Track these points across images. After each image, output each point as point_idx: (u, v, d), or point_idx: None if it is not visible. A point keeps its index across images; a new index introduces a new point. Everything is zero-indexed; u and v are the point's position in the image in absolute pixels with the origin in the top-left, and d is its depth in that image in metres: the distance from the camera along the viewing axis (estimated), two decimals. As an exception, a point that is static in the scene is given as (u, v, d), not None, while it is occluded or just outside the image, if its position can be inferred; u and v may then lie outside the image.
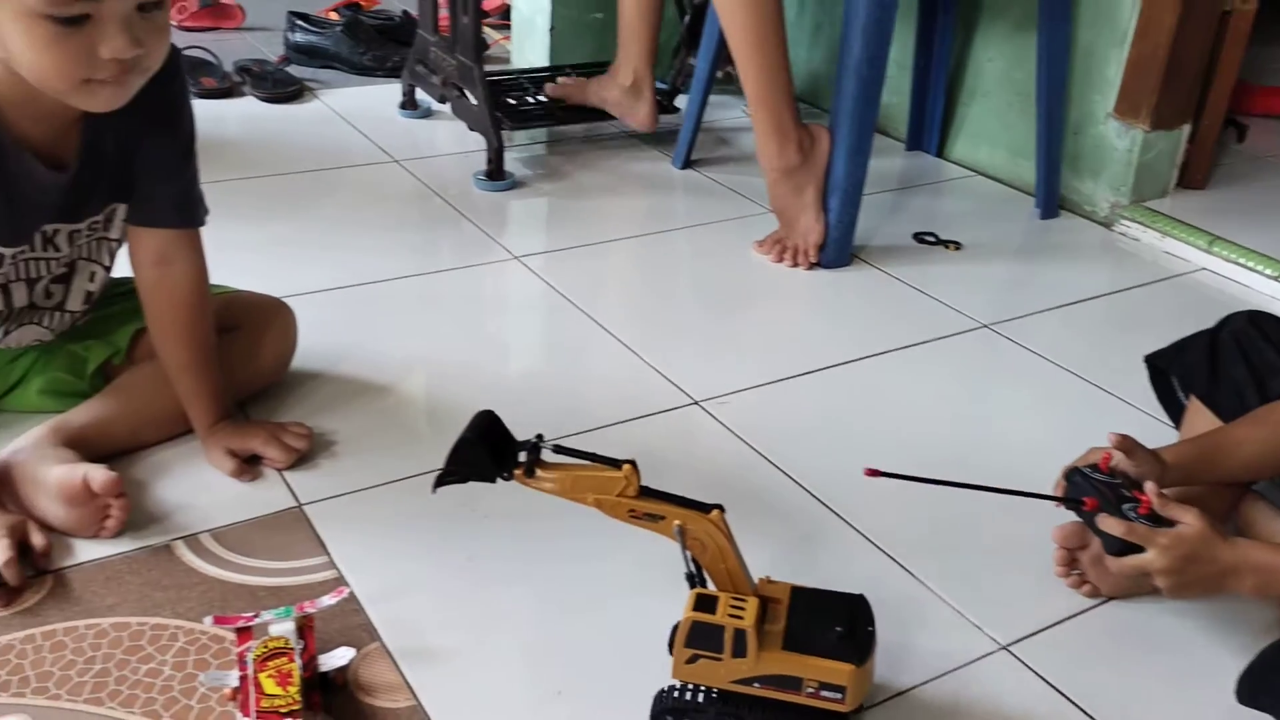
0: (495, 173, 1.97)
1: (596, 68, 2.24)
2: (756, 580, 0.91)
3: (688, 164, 2.12)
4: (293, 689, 0.88)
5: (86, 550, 1.08)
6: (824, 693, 0.87)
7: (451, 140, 2.19)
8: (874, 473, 0.94)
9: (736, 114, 2.40)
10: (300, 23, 2.53)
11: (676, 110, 2.25)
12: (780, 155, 1.69)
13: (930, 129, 2.25)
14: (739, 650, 0.87)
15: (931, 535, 1.19)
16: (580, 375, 1.46)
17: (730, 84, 2.43)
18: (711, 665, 0.88)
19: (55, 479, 1.06)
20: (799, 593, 0.92)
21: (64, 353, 1.23)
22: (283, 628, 0.95)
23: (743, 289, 1.71)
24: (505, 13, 2.79)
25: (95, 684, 0.93)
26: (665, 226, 1.90)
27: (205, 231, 1.23)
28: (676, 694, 0.90)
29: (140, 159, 1.13)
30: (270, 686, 0.88)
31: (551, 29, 2.44)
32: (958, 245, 1.86)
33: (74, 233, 1.14)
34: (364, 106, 2.31)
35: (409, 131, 2.23)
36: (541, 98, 2.20)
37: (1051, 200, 2.01)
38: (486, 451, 0.88)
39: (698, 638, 0.87)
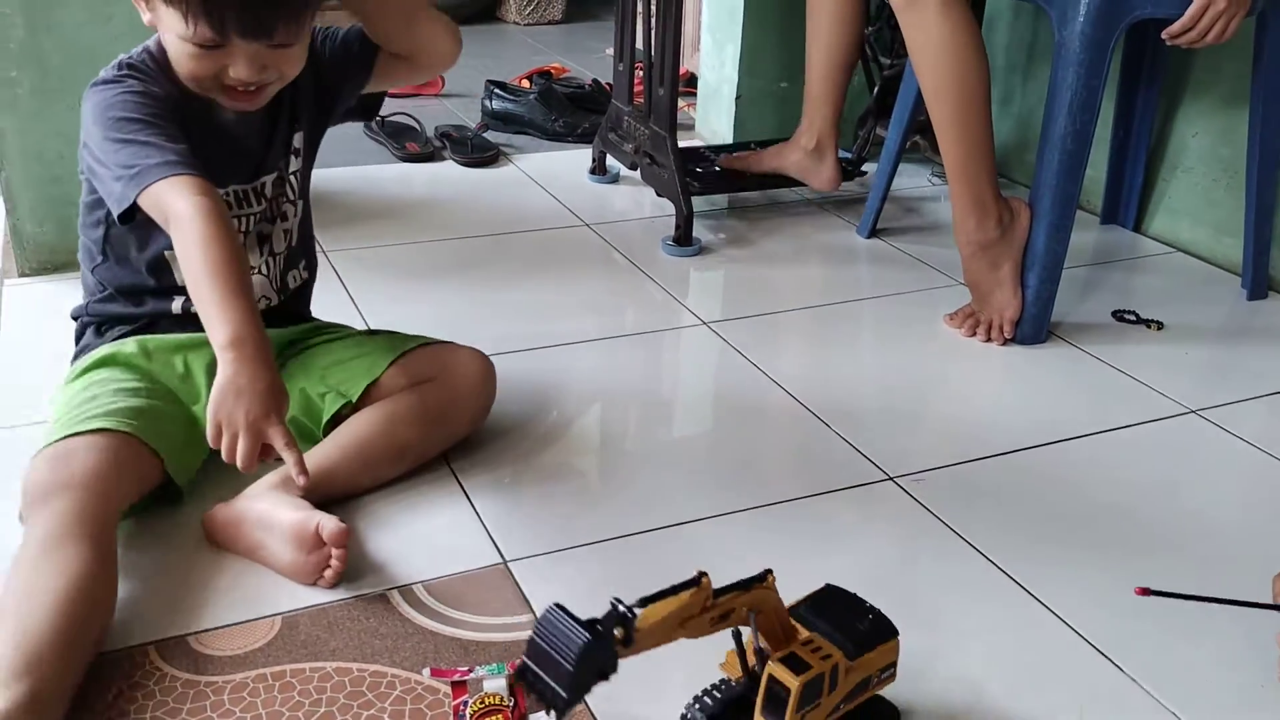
0: (683, 239, 2.01)
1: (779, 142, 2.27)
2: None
3: (874, 233, 2.12)
4: (513, 739, 0.90)
5: (308, 596, 1.14)
6: (882, 675, 0.95)
7: (639, 206, 2.25)
8: (1145, 592, 0.94)
9: (923, 183, 2.39)
10: (497, 90, 2.64)
11: (863, 174, 2.26)
12: (979, 229, 1.67)
13: (1128, 203, 2.19)
14: (833, 684, 0.89)
15: (1153, 632, 1.14)
16: (771, 445, 1.47)
17: (917, 153, 2.42)
18: (814, 716, 0.89)
19: (289, 523, 1.13)
20: (799, 614, 0.94)
21: (303, 395, 1.31)
22: (496, 684, 0.98)
23: (934, 363, 1.69)
24: (690, 80, 2.86)
25: (321, 726, 0.98)
26: (852, 296, 1.89)
27: (401, 290, 1.30)
28: None
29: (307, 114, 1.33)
30: (487, 742, 0.91)
31: (738, 98, 2.49)
32: (1160, 325, 1.80)
33: (261, 188, 1.30)
34: (556, 171, 2.40)
35: (598, 196, 2.30)
36: (717, 168, 2.24)
37: (1260, 281, 1.92)
38: (608, 642, 0.78)
39: (807, 697, 0.88)
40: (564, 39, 3.72)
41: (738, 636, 0.90)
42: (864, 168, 2.28)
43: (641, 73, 2.12)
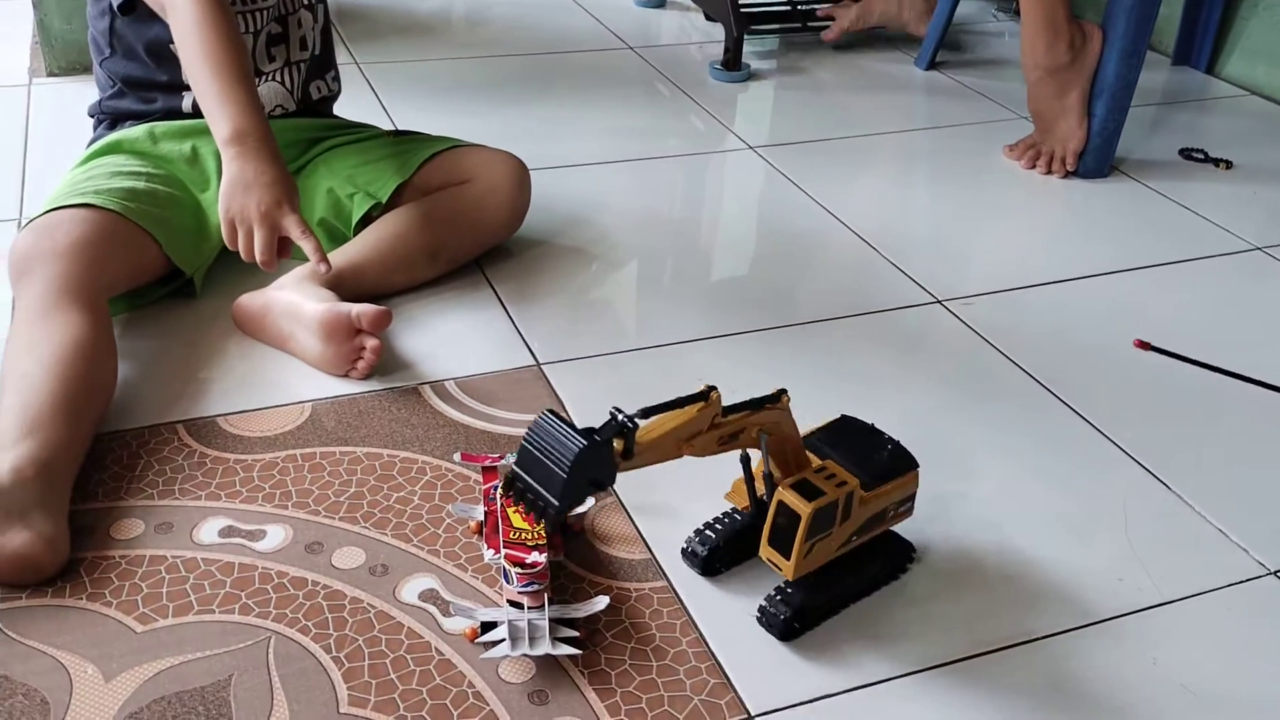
0: (732, 63, 1.93)
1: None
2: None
3: (932, 65, 2.02)
4: (539, 525, 0.89)
5: (338, 387, 1.12)
6: (901, 509, 0.90)
7: (687, 31, 2.16)
8: (1143, 345, 0.88)
9: (988, 17, 2.27)
10: (541, -90, 2.51)
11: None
12: (1049, 52, 1.57)
13: (1202, 43, 2.07)
14: (846, 514, 0.84)
15: (1196, 447, 1.10)
16: (818, 266, 1.42)
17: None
18: (824, 545, 0.84)
19: (318, 314, 1.10)
20: (812, 443, 0.89)
21: (330, 196, 1.27)
22: (527, 471, 0.96)
23: (991, 193, 1.62)
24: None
25: (350, 505, 0.96)
26: (907, 126, 1.81)
27: (438, 104, 1.25)
28: (790, 592, 0.86)
29: None
30: (517, 521, 0.89)
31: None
32: (1229, 164, 1.71)
33: None
34: (600, -6, 2.30)
35: (643, 20, 2.21)
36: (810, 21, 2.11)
37: (1340, 124, 1.82)
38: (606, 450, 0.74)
39: (818, 524, 0.82)
40: None
41: (746, 463, 0.86)
42: None
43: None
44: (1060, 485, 1.05)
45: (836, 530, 0.84)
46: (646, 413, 0.76)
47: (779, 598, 0.86)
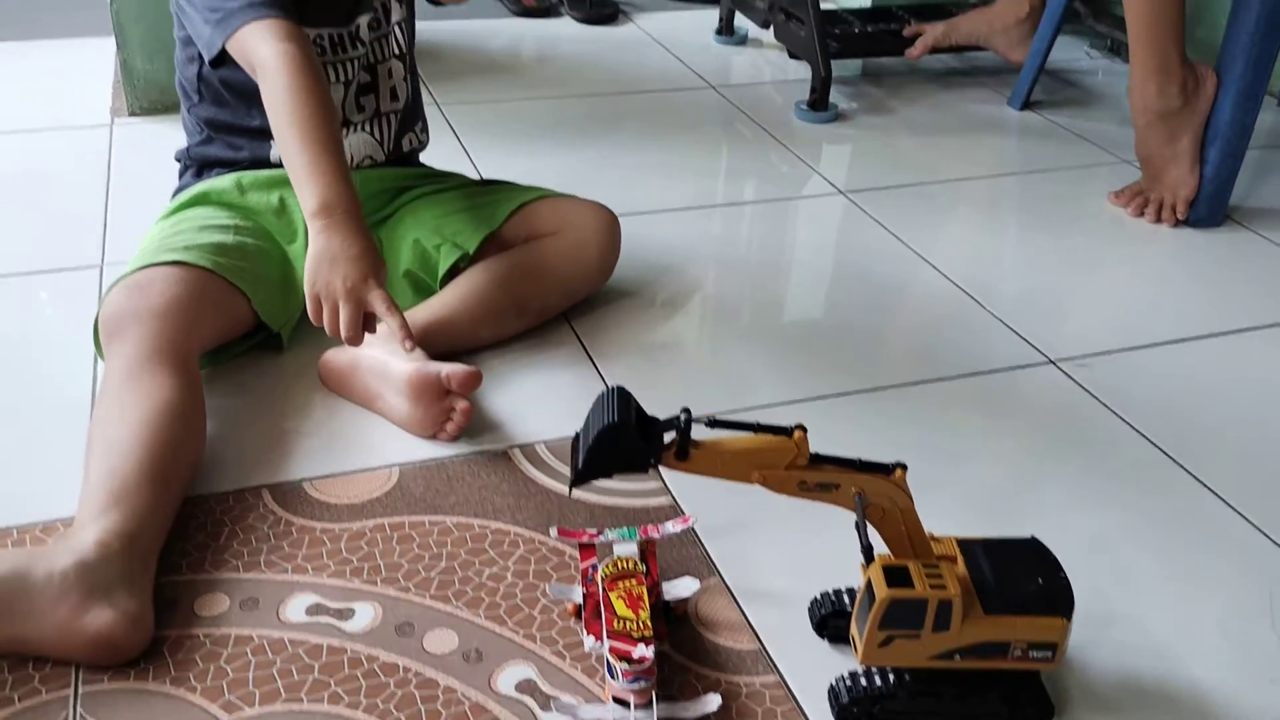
0: (819, 103, 1.87)
1: (932, 7, 2.10)
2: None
3: (1027, 105, 1.95)
4: (643, 613, 0.83)
5: (425, 450, 1.07)
6: (1032, 653, 0.78)
7: (769, 69, 2.11)
8: None
9: (1080, 55, 2.19)
10: (619, -56, 2.49)
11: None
12: (1160, 96, 1.50)
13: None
14: (942, 623, 0.76)
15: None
16: (912, 322, 1.36)
17: (1078, 22, 2.22)
18: (908, 644, 0.77)
19: (407, 374, 1.06)
20: (969, 546, 0.81)
21: (416, 247, 1.23)
22: (627, 549, 0.91)
23: (1095, 243, 1.54)
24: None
25: (440, 581, 0.91)
26: (1003, 170, 1.75)
27: (517, 144, 1.22)
28: (863, 682, 0.80)
29: None
30: (621, 608, 0.84)
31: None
32: (1350, 213, 1.62)
33: (357, 30, 1.21)
34: (679, 31, 2.26)
35: (724, 58, 2.16)
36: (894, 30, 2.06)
37: None
38: (638, 433, 0.74)
39: (896, 616, 0.75)
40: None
41: (861, 528, 0.78)
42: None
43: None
44: (1199, 576, 0.97)
45: (927, 636, 0.77)
46: (715, 422, 0.77)
47: (849, 679, 0.81)
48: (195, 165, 1.27)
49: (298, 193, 1.06)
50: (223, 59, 1.11)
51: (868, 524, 0.77)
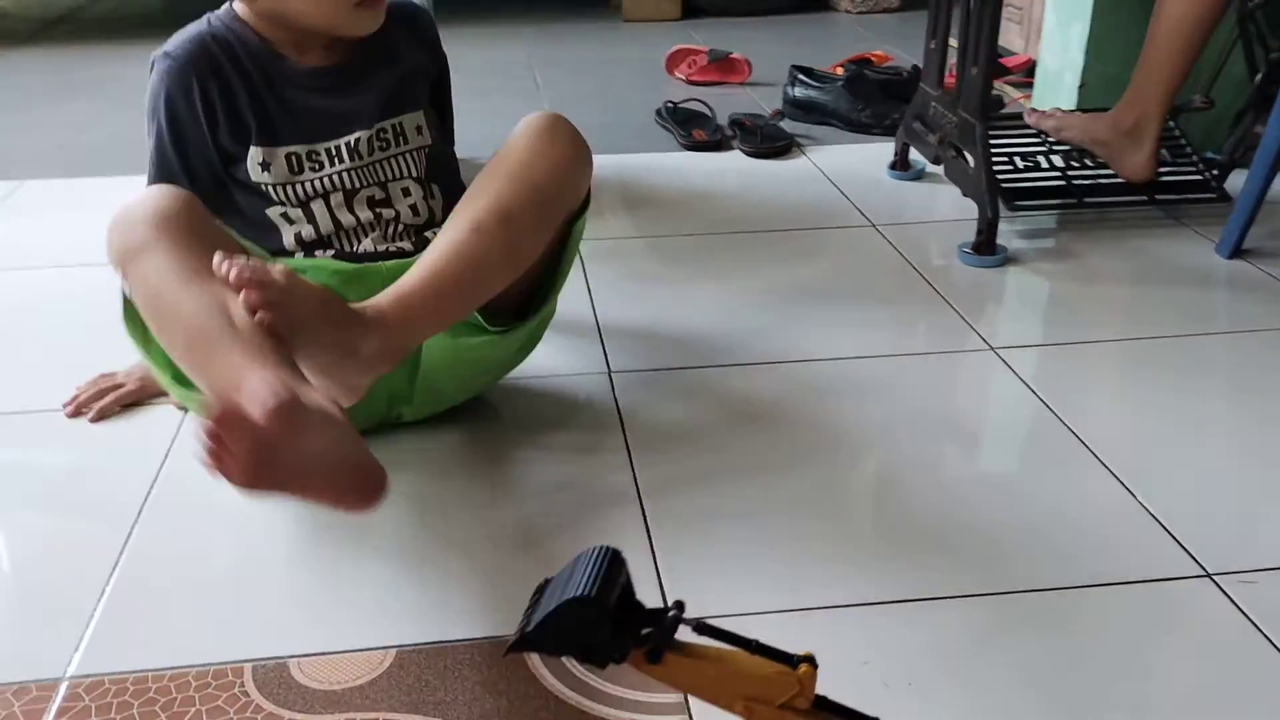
0: (984, 245, 1.69)
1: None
2: None
3: (1237, 253, 1.69)
4: None
5: (429, 630, 0.97)
6: None
7: (942, 207, 1.94)
8: None
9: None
10: (802, 77, 2.41)
11: (1221, 196, 1.82)
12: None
13: None
14: None
15: None
16: (1050, 508, 1.14)
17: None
18: None
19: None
20: None
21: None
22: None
23: (1300, 424, 1.27)
24: (1030, 69, 2.49)
25: (390, 800, 0.80)
26: (1200, 329, 1.49)
27: (670, 279, 1.10)
28: None
29: (403, 73, 1.25)
30: None
31: (1081, 86, 2.10)
32: None
33: (358, 141, 1.21)
34: (852, 165, 2.13)
35: (895, 194, 2.01)
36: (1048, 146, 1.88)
37: None
38: (610, 620, 0.61)
39: None
40: (898, 28, 3.42)
41: None
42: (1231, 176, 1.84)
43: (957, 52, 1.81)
44: None
45: None
46: (704, 628, 0.65)
47: None
48: None
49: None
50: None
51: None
